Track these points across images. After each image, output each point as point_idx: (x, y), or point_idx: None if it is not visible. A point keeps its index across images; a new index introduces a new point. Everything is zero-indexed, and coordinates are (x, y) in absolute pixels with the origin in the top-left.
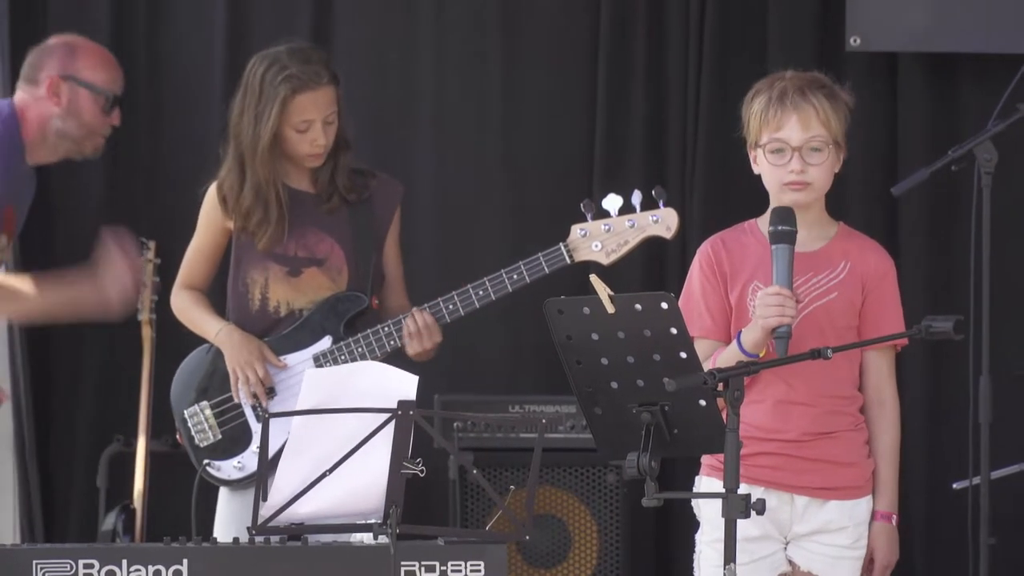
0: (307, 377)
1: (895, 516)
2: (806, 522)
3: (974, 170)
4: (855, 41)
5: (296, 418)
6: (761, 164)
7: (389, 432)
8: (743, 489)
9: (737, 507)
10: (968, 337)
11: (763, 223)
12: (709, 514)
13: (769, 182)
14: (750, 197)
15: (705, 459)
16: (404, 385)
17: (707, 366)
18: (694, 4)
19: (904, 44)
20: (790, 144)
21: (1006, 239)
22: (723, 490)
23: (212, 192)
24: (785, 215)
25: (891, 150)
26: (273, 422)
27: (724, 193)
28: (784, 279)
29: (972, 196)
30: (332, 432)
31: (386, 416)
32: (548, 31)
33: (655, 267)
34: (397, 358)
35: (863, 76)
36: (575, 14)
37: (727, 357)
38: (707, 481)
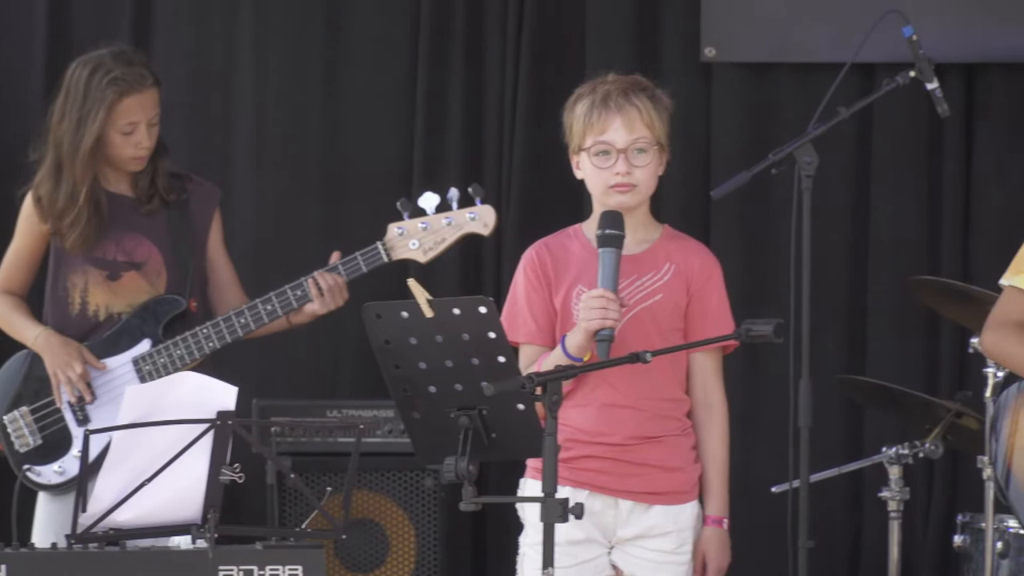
0: (128, 393)
1: (726, 520)
2: (631, 526)
3: (794, 173)
4: (710, 52)
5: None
6: (585, 168)
7: (208, 440)
8: (568, 492)
9: (555, 511)
10: (788, 340)
11: (587, 228)
12: (532, 517)
13: (594, 185)
14: (566, 199)
15: (530, 462)
16: (223, 395)
17: (532, 370)
18: (512, 8)
19: (754, 55)
20: (615, 146)
21: (825, 243)
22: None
23: (29, 197)
24: (613, 219)
25: (707, 154)
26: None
27: (540, 195)
28: (609, 282)
29: (791, 199)
30: (153, 442)
31: (205, 426)
32: (368, 33)
33: (471, 269)
34: (210, 366)
35: (680, 81)
36: (395, 17)
37: (552, 361)
38: (531, 484)
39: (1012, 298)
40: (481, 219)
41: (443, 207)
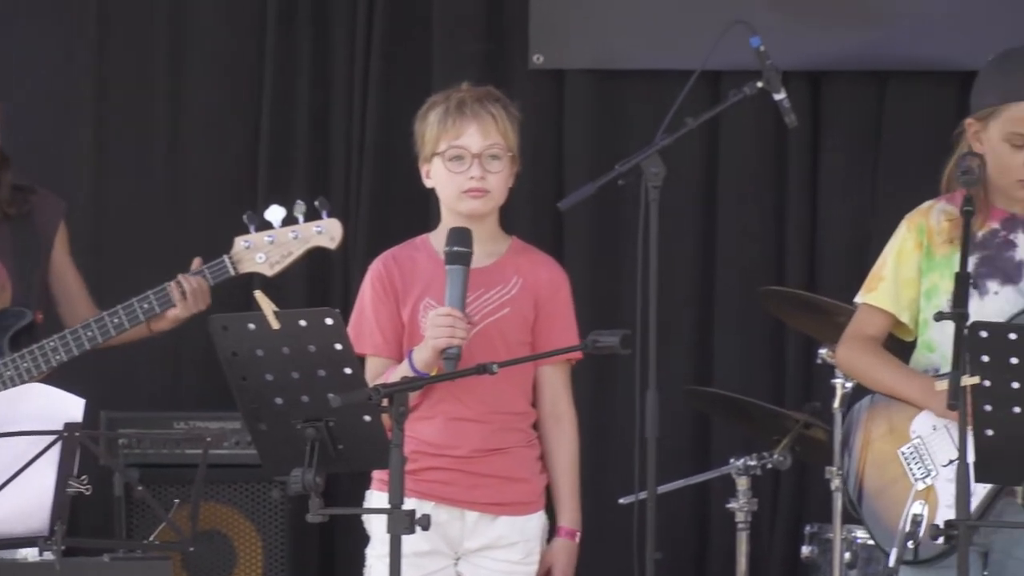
0: None
1: (579, 533)
2: (477, 537)
3: (641, 184)
4: (538, 59)
5: None
6: (438, 174)
7: (56, 452)
8: (414, 504)
9: (402, 523)
10: (635, 351)
11: (435, 239)
12: (379, 529)
13: (446, 191)
14: (414, 211)
15: (376, 474)
16: (71, 407)
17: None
18: (361, 17)
19: (582, 62)
20: (470, 151)
21: (672, 253)
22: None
23: None
24: (461, 236)
25: (557, 165)
26: None
27: (388, 208)
28: (456, 300)
29: (639, 210)
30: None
31: (52, 438)
32: (213, 45)
33: (319, 281)
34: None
35: (529, 92)
36: (241, 30)
37: (399, 376)
38: (377, 496)
39: (866, 314)
40: (327, 233)
41: (290, 220)
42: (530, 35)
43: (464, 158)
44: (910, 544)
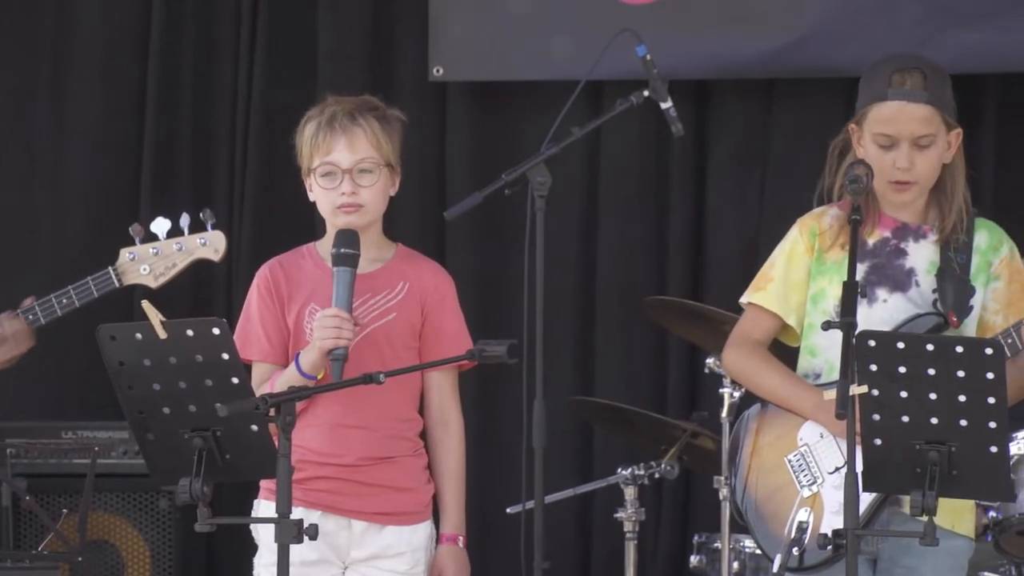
0: None
1: (462, 538)
2: (364, 547)
3: (527, 193)
4: (438, 71)
5: None
6: (315, 189)
7: None
8: (301, 513)
9: (290, 532)
10: (521, 361)
11: (321, 247)
12: (266, 538)
13: (323, 206)
14: (299, 222)
15: (263, 483)
16: None
17: (265, 388)
18: (245, 26)
19: (479, 74)
20: (340, 167)
21: (558, 262)
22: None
23: None
24: (348, 238)
25: (442, 174)
26: None
27: (273, 218)
28: (343, 301)
29: (525, 219)
30: None
31: None
32: (96, 54)
33: (203, 291)
34: None
35: (414, 102)
36: (124, 38)
37: (285, 379)
38: (264, 505)
39: (753, 316)
40: (212, 245)
41: (174, 232)
42: (429, 48)
43: (335, 174)
44: (795, 551)
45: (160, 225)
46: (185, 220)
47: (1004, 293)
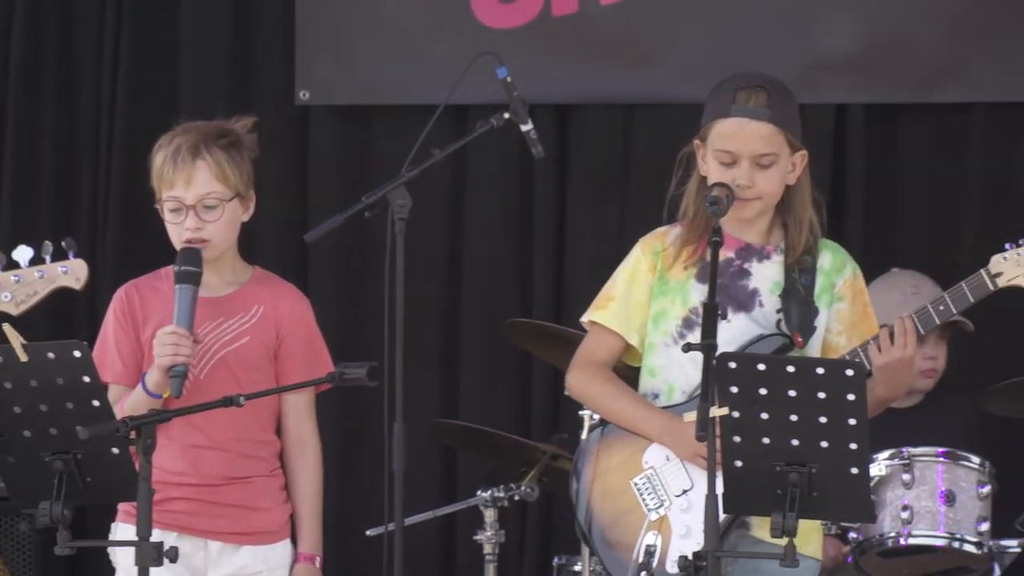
0: None
1: (319, 558)
2: (220, 567)
3: (387, 216)
4: (304, 95)
5: None
6: (165, 220)
7: None
8: (158, 535)
9: (149, 555)
10: (382, 383)
11: None
12: (124, 562)
13: (172, 238)
14: (160, 246)
15: (121, 505)
16: None
17: (117, 410)
18: (107, 54)
19: (344, 98)
20: (184, 202)
21: (419, 285)
22: (136, 537)
23: None
24: (190, 256)
25: (303, 197)
26: None
27: (135, 242)
28: (183, 319)
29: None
30: None
31: None
32: None
33: (64, 316)
34: None
35: (277, 124)
36: None
37: (134, 399)
38: (123, 528)
39: (595, 336)
40: (73, 273)
41: (36, 260)
42: (296, 72)
43: (180, 210)
44: (644, 575)
45: (22, 253)
46: (48, 248)
47: (847, 314)
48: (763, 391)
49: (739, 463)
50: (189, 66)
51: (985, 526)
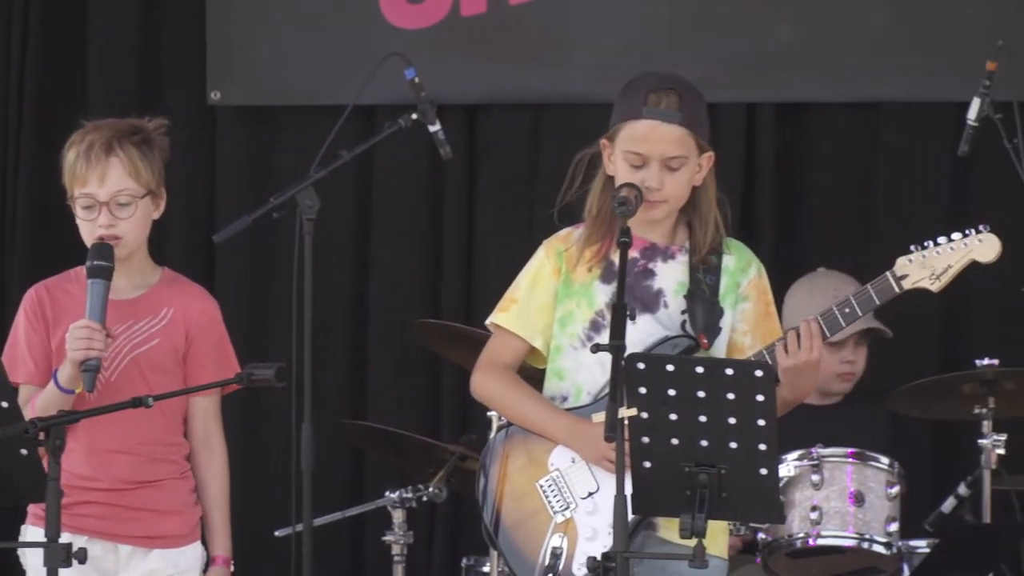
0: None
1: (231, 561)
2: (131, 571)
3: (295, 216)
4: (215, 96)
5: None
6: (77, 218)
7: None
8: (68, 538)
9: (58, 557)
10: (290, 384)
11: None
12: (34, 563)
13: (84, 236)
14: (70, 247)
15: (31, 508)
16: None
17: (27, 409)
18: (15, 51)
19: (259, 98)
20: (97, 199)
21: (327, 286)
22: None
23: None
24: (103, 251)
25: (211, 198)
26: None
27: (45, 244)
28: (95, 313)
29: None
30: None
31: None
32: None
33: None
34: None
35: (185, 125)
36: None
37: (46, 396)
38: (32, 530)
39: (499, 338)
40: None
41: None
42: (207, 72)
43: (93, 207)
44: None
45: None
46: None
47: (752, 314)
48: (672, 392)
49: (648, 464)
50: (97, 66)
51: (894, 526)
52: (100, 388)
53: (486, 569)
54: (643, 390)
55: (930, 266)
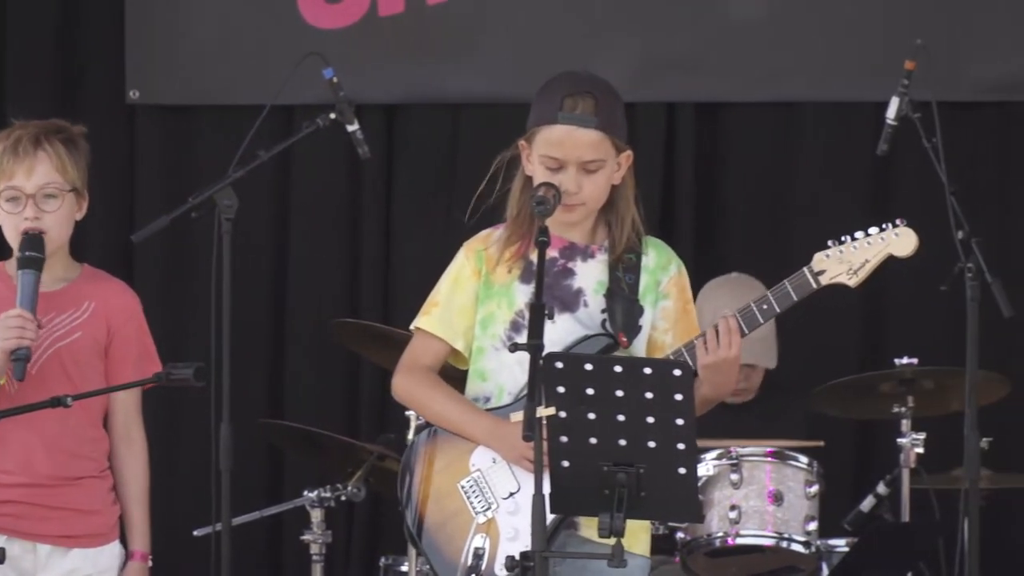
0: None
1: (149, 557)
2: (50, 570)
3: (214, 216)
4: (134, 95)
5: None
6: (1, 213)
7: None
8: None
9: None
10: (209, 384)
11: (10, 266)
12: None
13: (7, 231)
14: None
15: None
16: None
17: None
18: None
19: (178, 98)
20: (24, 192)
21: (246, 285)
22: None
23: None
24: (35, 242)
25: (130, 197)
26: None
27: None
28: (27, 303)
29: (212, 242)
30: None
31: None
32: None
33: None
34: None
35: (103, 125)
36: None
37: None
38: None
39: (420, 341)
40: None
41: None
42: (127, 71)
43: (19, 199)
44: None
45: None
46: None
47: (672, 312)
48: (590, 391)
49: (566, 463)
50: (14, 65)
51: (813, 525)
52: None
53: (404, 568)
54: (561, 389)
55: (847, 261)
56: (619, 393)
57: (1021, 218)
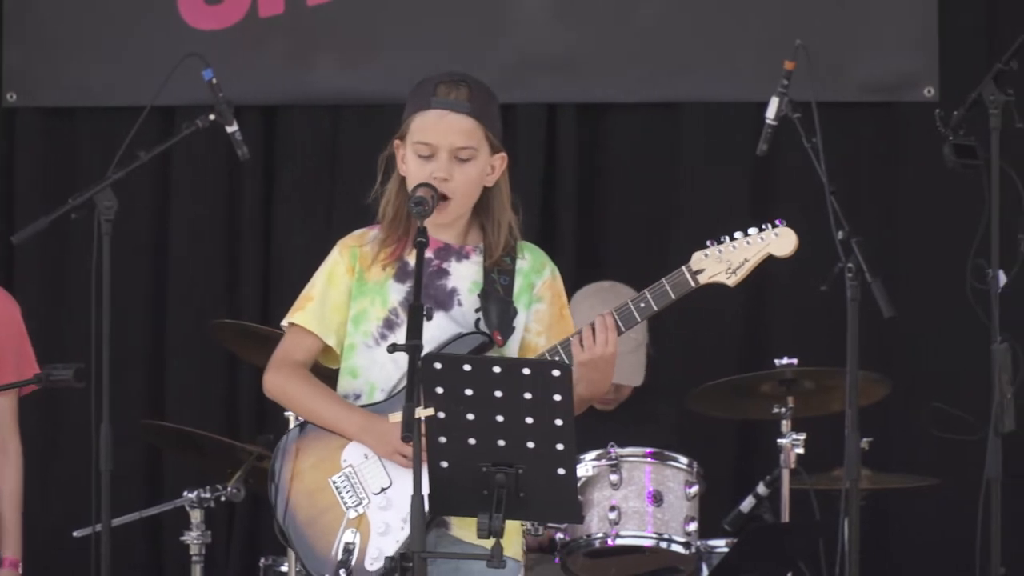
0: None
1: (20, 563)
2: None
3: (94, 217)
4: (11, 97)
5: None
6: None
7: None
8: None
9: None
10: (89, 384)
11: None
12: None
13: None
14: None
15: None
16: None
17: None
18: None
19: (56, 99)
20: None
21: (126, 286)
22: None
23: None
24: None
25: (9, 199)
26: None
27: None
28: None
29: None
30: None
31: None
32: None
33: None
34: None
35: None
36: None
37: None
38: None
39: (293, 336)
40: None
41: None
42: (3, 74)
43: None
44: (343, 572)
45: None
46: None
47: (546, 315)
48: (469, 392)
49: (445, 464)
50: None
51: (693, 526)
52: None
53: (284, 569)
54: (440, 390)
55: (726, 260)
56: (498, 394)
57: (901, 218)
